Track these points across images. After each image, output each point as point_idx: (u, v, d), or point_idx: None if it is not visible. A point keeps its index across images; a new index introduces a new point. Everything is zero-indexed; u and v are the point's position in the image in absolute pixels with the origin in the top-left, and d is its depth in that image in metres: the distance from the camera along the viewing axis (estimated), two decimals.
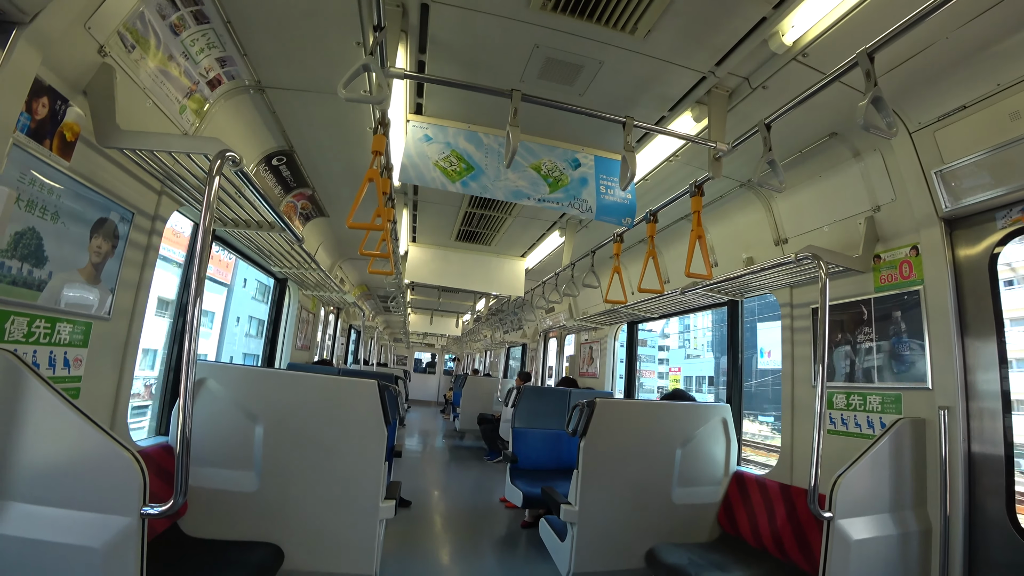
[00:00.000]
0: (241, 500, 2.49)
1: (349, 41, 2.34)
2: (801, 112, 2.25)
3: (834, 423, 2.75)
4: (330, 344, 7.71)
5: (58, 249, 1.83)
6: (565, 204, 3.04)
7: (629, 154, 2.34)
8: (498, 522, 5.01)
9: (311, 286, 5.27)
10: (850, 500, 2.14)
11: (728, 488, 3.19)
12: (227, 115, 2.73)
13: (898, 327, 2.52)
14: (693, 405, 3.26)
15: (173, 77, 2.24)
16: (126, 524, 1.48)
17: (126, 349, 2.26)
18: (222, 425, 2.51)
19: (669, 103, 2.69)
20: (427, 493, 5.96)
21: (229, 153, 1.82)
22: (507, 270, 6.02)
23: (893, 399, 2.50)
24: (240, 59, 2.49)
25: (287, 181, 3.85)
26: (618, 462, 2.95)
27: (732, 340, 3.87)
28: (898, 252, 2.56)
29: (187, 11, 2.10)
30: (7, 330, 1.66)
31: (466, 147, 2.93)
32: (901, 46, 1.92)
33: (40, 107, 1.67)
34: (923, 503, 2.32)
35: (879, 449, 2.25)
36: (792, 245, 3.20)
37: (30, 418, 1.49)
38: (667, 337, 43.86)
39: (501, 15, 2.18)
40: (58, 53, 1.68)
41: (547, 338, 8.70)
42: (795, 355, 3.12)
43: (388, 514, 2.64)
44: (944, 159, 2.25)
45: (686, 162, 3.22)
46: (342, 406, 2.61)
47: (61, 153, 1.79)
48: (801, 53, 2.16)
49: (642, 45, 2.28)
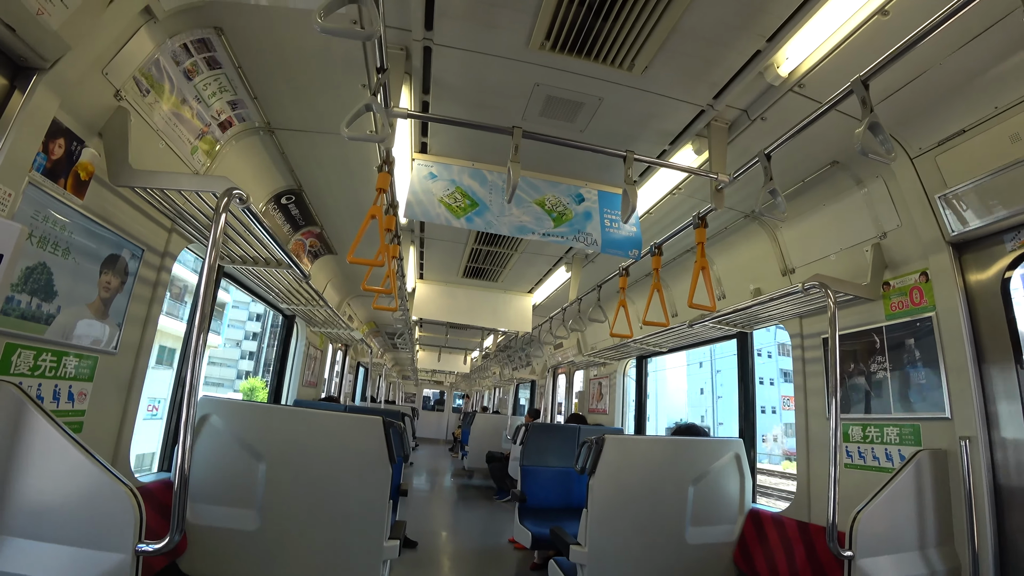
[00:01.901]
0: (241, 539, 2.43)
1: (355, 83, 2.42)
2: (801, 142, 2.28)
3: (851, 456, 2.66)
4: (337, 381, 7.68)
5: (68, 284, 1.86)
6: (570, 238, 3.06)
7: (630, 187, 2.36)
8: (507, 564, 4.85)
9: (319, 323, 5.29)
10: (871, 538, 2.04)
11: (744, 526, 3.06)
12: (237, 156, 2.81)
13: (912, 355, 2.46)
14: (704, 440, 3.17)
15: (186, 119, 2.33)
16: (120, 561, 1.45)
17: (131, 383, 2.26)
18: (224, 462, 2.48)
19: (669, 137, 2.73)
20: (435, 534, 5.80)
21: (236, 191, 1.86)
22: (514, 306, 6.02)
23: (911, 430, 2.42)
24: (250, 102, 2.58)
25: (296, 219, 3.93)
26: (629, 500, 2.85)
27: (743, 373, 3.80)
28: (907, 278, 2.52)
29: (200, 57, 2.19)
30: (13, 363, 1.67)
31: (470, 184, 2.98)
32: (896, 73, 1.96)
33: (56, 147, 1.73)
34: (949, 540, 2.21)
35: (899, 483, 2.17)
36: (799, 275, 3.17)
37: (30, 451, 1.48)
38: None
39: (502, 56, 2.25)
40: (76, 97, 1.75)
41: (556, 374, 8.61)
42: (807, 387, 3.04)
43: (392, 554, 2.56)
44: (947, 183, 2.25)
45: (689, 195, 3.24)
46: (346, 443, 2.57)
47: (75, 191, 1.84)
48: (797, 84, 2.20)
49: (640, 81, 2.34)
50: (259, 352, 47.63)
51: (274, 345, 7.66)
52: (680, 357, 23.48)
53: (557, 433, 5.11)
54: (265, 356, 46.67)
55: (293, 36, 2.19)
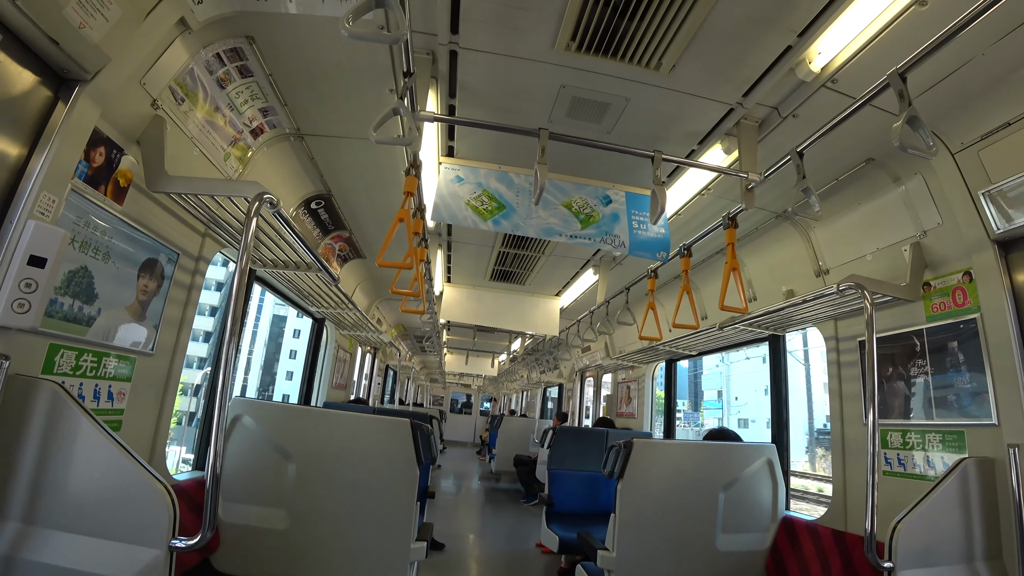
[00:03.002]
0: (271, 538, 2.47)
1: (383, 89, 2.45)
2: (835, 139, 2.21)
3: (890, 464, 2.56)
4: (366, 384, 7.78)
5: (108, 287, 1.93)
6: (597, 240, 3.03)
7: (659, 188, 2.33)
8: (534, 568, 4.82)
9: (348, 326, 5.37)
10: (913, 549, 1.95)
11: (776, 535, 2.98)
12: (269, 161, 2.88)
13: (955, 359, 2.36)
14: (735, 445, 3.10)
15: (219, 127, 2.39)
16: (155, 556, 1.49)
17: (167, 384, 2.33)
18: (255, 461, 2.53)
19: (698, 137, 2.69)
20: (462, 537, 5.80)
21: (267, 195, 1.90)
22: (542, 309, 6.01)
23: (955, 436, 2.32)
24: (281, 109, 2.64)
25: (325, 224, 4.00)
26: (657, 506, 2.80)
27: (775, 377, 3.70)
28: (950, 279, 2.42)
29: (232, 66, 2.25)
30: (56, 363, 1.74)
31: (497, 187, 2.99)
32: (935, 66, 1.88)
33: (97, 156, 1.80)
34: (998, 554, 2.10)
35: (943, 491, 2.07)
36: (833, 276, 3.08)
37: (71, 448, 1.53)
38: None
39: (528, 58, 2.25)
40: (115, 107, 1.82)
41: (584, 377, 8.54)
42: (843, 392, 2.95)
43: (419, 556, 2.57)
44: (992, 179, 2.15)
45: (719, 195, 3.18)
46: (374, 445, 2.60)
47: (114, 198, 1.91)
48: (830, 80, 2.14)
49: (667, 80, 2.31)
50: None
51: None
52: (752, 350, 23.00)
53: (584, 437, 5.07)
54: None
55: (322, 44, 2.24)
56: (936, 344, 2.44)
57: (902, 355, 2.60)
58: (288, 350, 47.52)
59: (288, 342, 47.62)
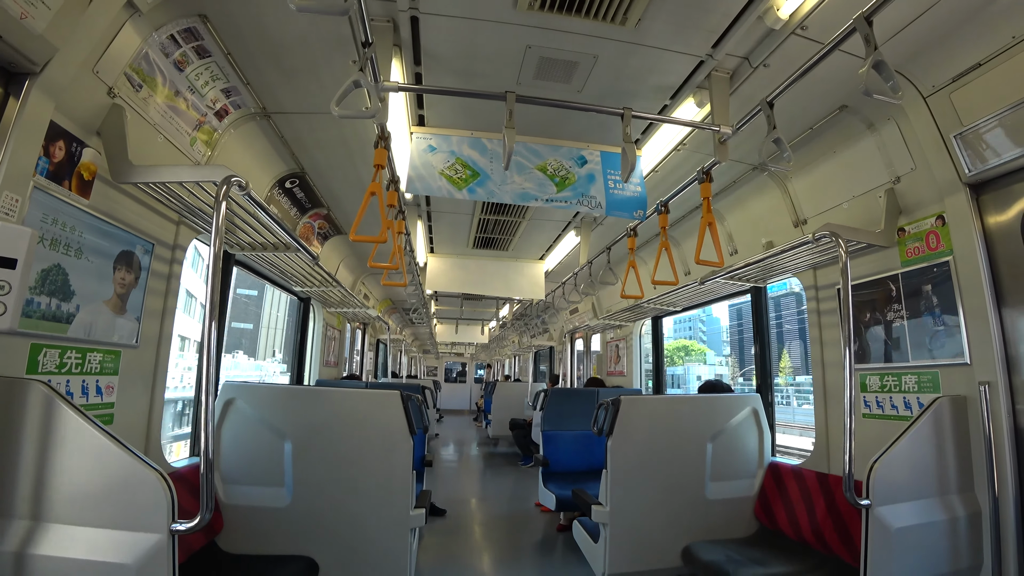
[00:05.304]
0: (274, 515, 2.54)
1: (345, 61, 2.39)
2: (807, 87, 2.20)
3: (869, 406, 2.65)
4: (358, 359, 7.84)
5: (84, 283, 1.92)
6: (573, 202, 3.02)
7: (629, 145, 2.32)
8: (534, 527, 4.99)
9: (335, 303, 5.37)
10: (889, 486, 2.04)
11: (764, 480, 3.10)
12: (237, 143, 2.82)
13: (930, 302, 2.41)
14: (719, 397, 3.18)
15: (181, 111, 2.33)
16: (157, 540, 1.53)
17: (156, 374, 2.35)
18: (252, 443, 2.58)
19: (669, 91, 2.66)
20: (463, 502, 5.97)
21: (235, 178, 1.88)
22: (527, 274, 6.02)
23: (930, 378, 2.39)
24: (244, 88, 2.57)
25: (302, 203, 3.95)
26: (647, 459, 2.90)
27: (758, 327, 3.77)
28: (923, 223, 2.45)
29: (189, 47, 2.18)
30: (40, 362, 1.74)
31: (470, 154, 2.95)
32: (903, 7, 1.87)
33: (57, 150, 1.76)
34: (970, 486, 2.20)
35: (917, 430, 2.15)
36: (812, 225, 3.10)
37: (64, 444, 1.55)
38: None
39: (490, 19, 2.19)
40: (70, 98, 1.76)
41: (573, 339, 8.65)
42: (823, 339, 3.01)
43: (419, 522, 2.66)
44: (963, 121, 2.15)
45: (694, 150, 3.17)
46: (367, 419, 2.65)
47: (80, 192, 1.87)
48: (800, 26, 2.11)
49: (634, 35, 2.26)
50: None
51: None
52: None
53: (575, 397, 5.17)
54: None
55: (279, 18, 2.16)
56: (911, 288, 2.49)
57: (879, 301, 2.65)
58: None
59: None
